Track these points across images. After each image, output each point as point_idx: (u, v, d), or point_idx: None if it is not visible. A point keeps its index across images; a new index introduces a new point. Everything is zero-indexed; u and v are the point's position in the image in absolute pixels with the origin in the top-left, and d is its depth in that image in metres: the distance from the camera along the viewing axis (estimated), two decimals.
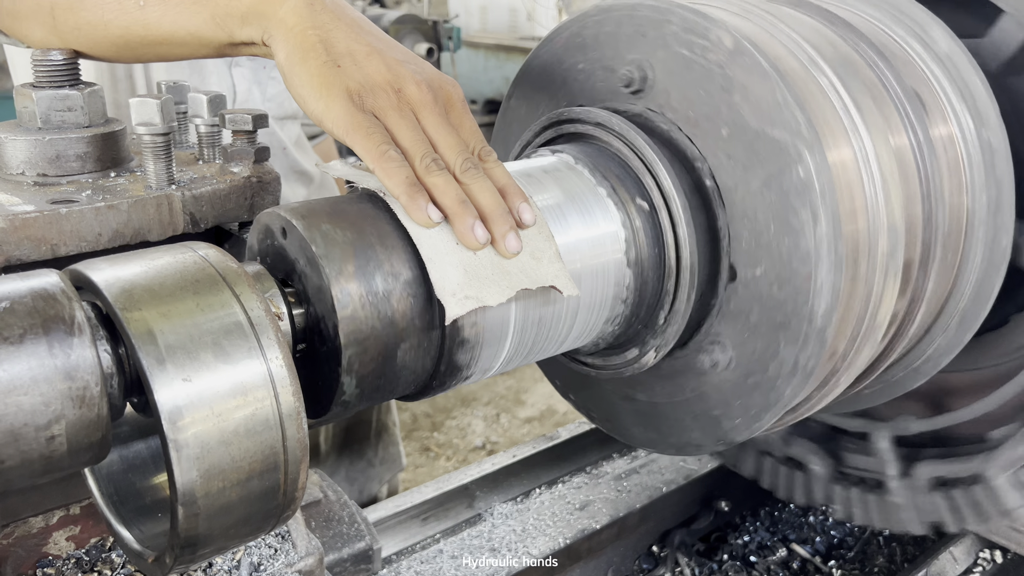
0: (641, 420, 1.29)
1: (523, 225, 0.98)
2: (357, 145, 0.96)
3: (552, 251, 0.99)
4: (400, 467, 2.75)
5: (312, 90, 0.99)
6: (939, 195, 1.22)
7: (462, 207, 0.94)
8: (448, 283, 0.91)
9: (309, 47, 1.01)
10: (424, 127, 1.00)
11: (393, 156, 0.95)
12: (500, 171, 1.01)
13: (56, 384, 0.70)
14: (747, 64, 1.04)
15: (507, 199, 0.99)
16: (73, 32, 1.17)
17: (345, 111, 0.97)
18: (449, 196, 0.95)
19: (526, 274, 0.96)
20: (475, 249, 0.94)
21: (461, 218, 0.94)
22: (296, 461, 0.79)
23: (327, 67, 0.99)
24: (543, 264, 0.98)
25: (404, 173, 0.94)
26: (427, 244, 0.93)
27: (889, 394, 1.50)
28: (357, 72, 1.00)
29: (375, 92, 0.99)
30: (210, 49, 1.14)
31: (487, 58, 8.31)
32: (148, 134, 1.03)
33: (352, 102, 0.98)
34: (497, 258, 0.95)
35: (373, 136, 0.96)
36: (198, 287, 0.78)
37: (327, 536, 1.45)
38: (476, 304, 0.92)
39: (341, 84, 0.98)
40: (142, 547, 0.87)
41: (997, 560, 1.87)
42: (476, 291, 0.92)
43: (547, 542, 1.86)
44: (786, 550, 2.09)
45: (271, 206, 1.13)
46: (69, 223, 0.97)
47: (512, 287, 0.94)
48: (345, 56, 1.00)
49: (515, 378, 4.84)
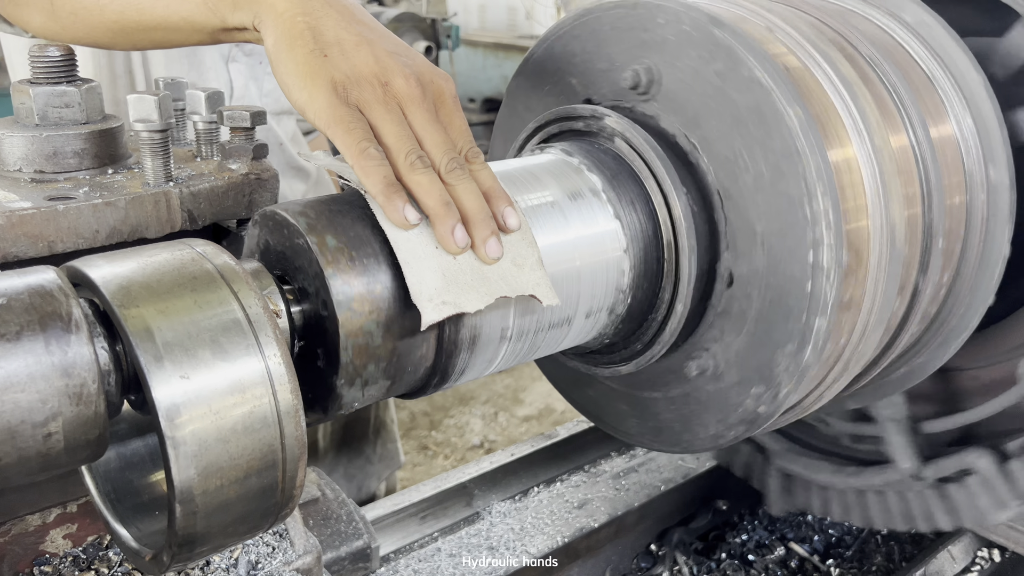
0: (639, 418, 1.29)
1: (507, 230, 0.96)
2: (337, 140, 0.94)
3: (534, 258, 0.97)
4: (398, 464, 2.75)
5: (297, 79, 0.97)
6: (938, 194, 1.22)
7: (445, 209, 0.92)
8: (425, 288, 0.89)
9: (297, 34, 0.99)
10: (411, 122, 0.97)
11: (373, 154, 0.92)
12: (486, 174, 0.98)
13: (53, 381, 0.70)
14: (750, 67, 1.04)
15: (491, 203, 0.96)
16: (70, 17, 1.18)
17: (328, 103, 0.94)
18: (432, 196, 0.92)
19: (506, 281, 0.94)
20: (455, 253, 0.92)
21: (443, 220, 0.91)
22: (294, 459, 0.78)
23: (313, 56, 0.97)
24: (524, 271, 0.96)
25: (382, 172, 0.92)
26: (404, 247, 0.91)
27: (888, 392, 1.50)
28: (344, 63, 0.97)
29: (360, 84, 0.96)
30: (204, 35, 1.14)
31: (485, 56, 8.30)
32: (146, 131, 1.03)
33: (336, 94, 0.95)
34: (477, 263, 0.93)
35: (353, 132, 0.93)
36: (196, 284, 0.77)
37: (325, 534, 1.45)
38: (454, 310, 0.90)
39: (326, 74, 0.96)
40: (139, 545, 0.86)
41: (995, 559, 1.87)
42: (454, 297, 0.90)
43: (545, 540, 1.86)
44: (784, 549, 2.09)
45: (269, 203, 1.13)
46: (66, 220, 0.97)
47: (491, 294, 0.92)
48: (333, 45, 0.98)
49: (513, 376, 4.84)
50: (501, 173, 1.08)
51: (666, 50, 1.13)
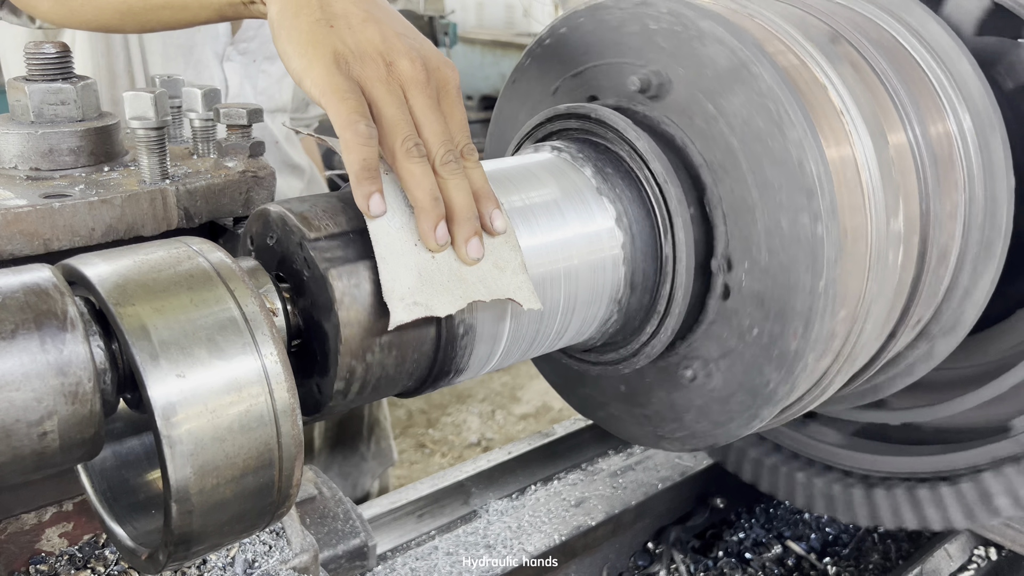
0: (636, 416, 1.29)
1: (493, 232, 0.94)
2: (331, 109, 0.90)
3: (517, 262, 0.95)
4: (391, 461, 2.76)
5: (297, 47, 0.94)
6: (937, 192, 1.22)
7: (433, 204, 0.89)
8: (398, 286, 0.88)
9: (304, 3, 0.96)
10: (411, 107, 0.93)
11: (362, 130, 0.88)
12: (478, 174, 0.96)
13: (48, 380, 0.70)
14: (754, 70, 1.04)
15: (479, 203, 0.94)
16: (78, 0, 1.17)
17: (327, 72, 0.91)
18: (423, 189, 0.89)
19: (485, 284, 0.92)
20: (434, 251, 0.90)
21: (428, 215, 0.89)
22: (291, 457, 0.78)
23: (318, 25, 0.94)
24: (506, 274, 0.94)
25: (364, 153, 0.88)
26: (383, 242, 0.88)
27: (886, 391, 1.50)
28: (349, 36, 0.94)
29: (364, 60, 0.93)
30: (211, 11, 1.12)
31: (483, 54, 8.30)
32: (142, 128, 1.02)
33: (337, 65, 0.92)
34: (456, 264, 0.91)
35: (348, 102, 0.89)
36: (192, 282, 0.77)
37: (322, 533, 1.45)
38: (424, 312, 0.88)
39: (329, 44, 0.92)
40: (136, 544, 0.86)
41: (992, 557, 1.87)
42: (426, 298, 0.88)
43: (542, 539, 1.86)
44: (781, 547, 2.09)
45: (266, 201, 1.13)
46: (62, 218, 0.97)
47: (466, 297, 0.90)
48: (340, 17, 0.95)
49: (510, 375, 4.84)
50: (499, 170, 1.08)
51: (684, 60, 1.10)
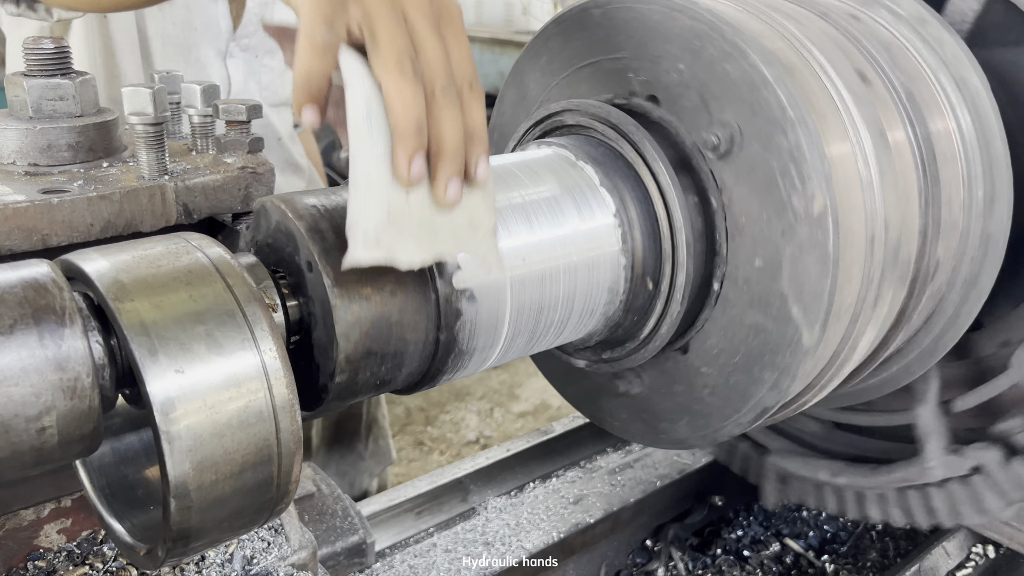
0: (634, 414, 1.29)
1: (473, 179, 0.87)
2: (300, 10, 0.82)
3: (491, 225, 0.89)
4: (390, 461, 2.76)
5: None
6: (936, 190, 1.22)
7: (415, 131, 0.81)
8: (363, 219, 0.80)
9: None
10: (411, 28, 0.84)
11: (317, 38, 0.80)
12: (477, 111, 0.86)
13: (47, 375, 0.70)
14: (759, 70, 1.04)
15: (469, 143, 0.86)
16: None
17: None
18: (408, 112, 0.81)
19: (456, 240, 0.85)
20: (404, 184, 0.82)
21: (406, 143, 0.81)
22: (290, 454, 0.78)
23: None
24: (478, 235, 0.87)
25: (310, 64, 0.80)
26: (360, 168, 0.80)
27: (887, 388, 1.50)
28: None
29: None
30: None
31: (482, 52, 8.28)
32: (141, 124, 1.02)
33: None
34: (430, 211, 0.83)
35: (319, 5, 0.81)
36: (191, 278, 0.77)
37: (320, 529, 1.45)
38: (385, 256, 0.81)
39: None
40: (134, 540, 0.86)
41: (990, 555, 1.88)
42: (391, 239, 0.81)
43: (541, 536, 1.86)
44: (779, 544, 2.10)
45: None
46: (60, 213, 0.96)
47: (433, 249, 0.83)
48: None
49: (509, 372, 4.84)
50: (499, 167, 1.08)
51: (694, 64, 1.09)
